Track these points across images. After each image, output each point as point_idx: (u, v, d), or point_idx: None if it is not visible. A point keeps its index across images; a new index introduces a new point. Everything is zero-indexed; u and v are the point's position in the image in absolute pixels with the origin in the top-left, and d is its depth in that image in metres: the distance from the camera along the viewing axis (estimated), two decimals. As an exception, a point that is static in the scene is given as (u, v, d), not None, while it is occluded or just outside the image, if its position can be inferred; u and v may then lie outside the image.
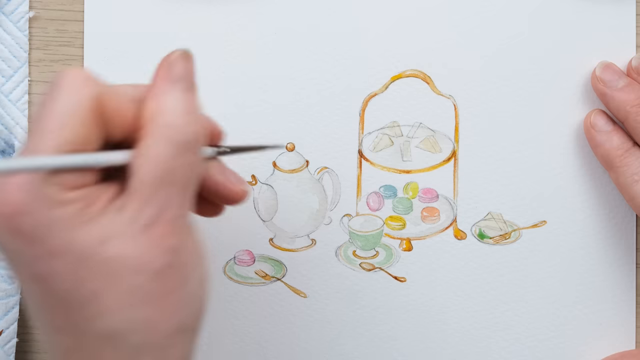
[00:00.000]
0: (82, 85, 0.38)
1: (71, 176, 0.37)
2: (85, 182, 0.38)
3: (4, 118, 0.52)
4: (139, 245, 0.37)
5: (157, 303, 0.38)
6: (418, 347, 0.53)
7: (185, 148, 0.38)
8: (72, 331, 0.38)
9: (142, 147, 0.38)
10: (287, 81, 0.53)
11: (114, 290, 0.37)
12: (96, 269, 0.37)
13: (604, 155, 0.51)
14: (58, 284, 0.37)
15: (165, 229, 0.38)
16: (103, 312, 0.37)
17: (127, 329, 0.38)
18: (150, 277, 0.38)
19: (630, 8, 0.52)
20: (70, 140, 0.37)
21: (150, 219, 0.38)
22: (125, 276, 0.37)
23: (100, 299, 0.37)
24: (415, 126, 0.53)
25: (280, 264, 0.53)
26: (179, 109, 0.39)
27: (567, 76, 0.53)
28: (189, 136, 0.38)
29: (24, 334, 0.53)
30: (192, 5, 0.52)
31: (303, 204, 0.53)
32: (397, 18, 0.52)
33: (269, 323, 0.53)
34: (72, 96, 0.37)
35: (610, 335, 0.53)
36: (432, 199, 0.53)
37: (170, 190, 0.38)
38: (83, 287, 0.37)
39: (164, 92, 0.39)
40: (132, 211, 0.38)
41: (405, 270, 0.53)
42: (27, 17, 0.52)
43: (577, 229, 0.53)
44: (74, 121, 0.37)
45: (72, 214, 0.37)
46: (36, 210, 0.36)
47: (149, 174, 0.38)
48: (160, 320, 0.38)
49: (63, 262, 0.37)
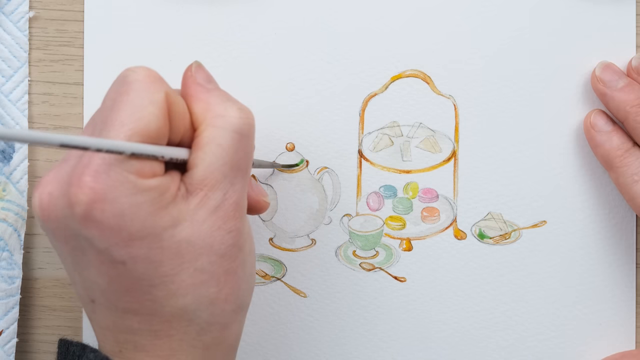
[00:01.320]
0: (155, 81, 0.40)
1: (148, 165, 0.39)
2: (157, 171, 0.39)
3: (4, 118, 0.52)
4: (206, 228, 0.40)
5: (222, 282, 0.41)
6: (418, 347, 0.53)
7: (242, 134, 0.41)
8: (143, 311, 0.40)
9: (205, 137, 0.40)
10: (287, 81, 0.53)
11: (184, 271, 0.40)
12: (169, 252, 0.39)
13: (604, 156, 0.51)
14: (134, 267, 0.39)
15: (228, 212, 0.40)
16: (175, 292, 0.40)
17: (195, 307, 0.40)
18: (215, 258, 0.40)
19: (630, 8, 0.52)
20: (145, 133, 0.38)
21: (216, 203, 0.40)
22: (194, 257, 0.40)
23: (173, 280, 0.39)
24: (415, 126, 0.53)
25: (280, 264, 0.53)
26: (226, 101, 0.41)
27: (567, 76, 0.53)
28: (243, 122, 0.41)
29: (24, 334, 0.53)
30: (192, 6, 0.52)
31: (303, 204, 0.53)
32: (397, 18, 0.52)
33: (268, 323, 0.53)
34: (146, 91, 0.39)
35: (610, 335, 0.53)
36: (432, 199, 0.53)
37: (233, 175, 0.40)
38: (158, 270, 0.39)
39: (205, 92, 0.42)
40: (200, 197, 0.40)
41: (405, 270, 0.53)
42: (27, 17, 0.52)
43: (577, 229, 0.53)
44: (149, 115, 0.39)
45: (151, 200, 0.38)
46: (118, 197, 0.38)
47: (216, 161, 0.40)
48: (224, 298, 0.41)
49: (141, 247, 0.38)
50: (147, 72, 0.40)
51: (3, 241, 0.51)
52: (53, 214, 0.39)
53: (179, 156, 0.40)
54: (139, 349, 0.41)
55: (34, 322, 0.53)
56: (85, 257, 0.40)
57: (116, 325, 0.41)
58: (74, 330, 0.53)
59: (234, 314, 0.42)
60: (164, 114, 0.39)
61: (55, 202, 0.39)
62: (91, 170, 0.37)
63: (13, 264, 0.51)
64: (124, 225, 0.38)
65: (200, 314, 0.40)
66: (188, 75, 0.42)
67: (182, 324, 0.40)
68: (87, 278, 0.40)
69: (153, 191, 0.38)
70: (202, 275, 0.40)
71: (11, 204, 0.51)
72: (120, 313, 0.40)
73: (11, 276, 0.51)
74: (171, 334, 0.40)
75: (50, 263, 0.53)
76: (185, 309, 0.40)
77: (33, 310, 0.53)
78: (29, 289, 0.53)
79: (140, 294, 0.40)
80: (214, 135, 0.40)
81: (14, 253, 0.51)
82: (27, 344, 0.53)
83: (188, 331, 0.41)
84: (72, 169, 0.39)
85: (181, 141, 0.41)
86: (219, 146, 0.40)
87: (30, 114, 0.52)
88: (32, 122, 0.52)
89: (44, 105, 0.52)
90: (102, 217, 0.37)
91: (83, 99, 0.52)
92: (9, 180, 0.52)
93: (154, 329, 0.40)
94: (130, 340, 0.41)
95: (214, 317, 0.41)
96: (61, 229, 0.39)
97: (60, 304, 0.53)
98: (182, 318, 0.40)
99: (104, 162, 0.37)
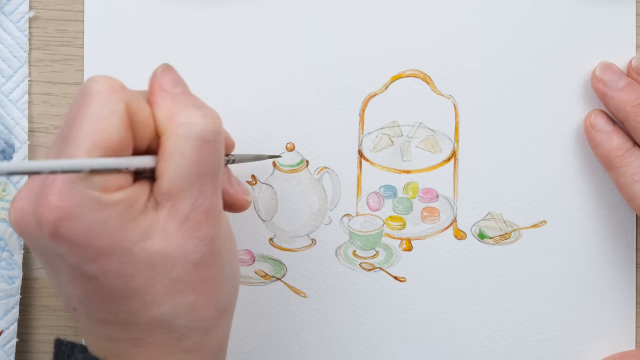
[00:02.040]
0: (115, 91, 0.39)
1: (112, 178, 0.38)
2: (123, 184, 0.39)
3: (4, 118, 0.52)
4: (177, 238, 0.39)
5: (199, 289, 0.40)
6: (418, 347, 0.53)
7: (206, 141, 0.40)
8: (120, 322, 0.40)
9: (168, 147, 0.39)
10: (287, 81, 0.53)
11: (158, 282, 0.39)
12: (141, 265, 0.39)
13: (604, 156, 0.51)
14: (107, 282, 0.39)
15: (199, 220, 0.40)
16: (150, 303, 0.39)
17: (173, 315, 0.40)
18: (190, 267, 0.40)
19: (630, 8, 0.52)
20: (105, 145, 0.38)
21: (186, 212, 0.39)
22: (168, 269, 0.39)
23: (147, 292, 0.39)
24: (415, 126, 0.53)
25: (280, 264, 0.53)
26: (190, 107, 0.40)
27: (567, 76, 0.53)
28: (206, 128, 0.40)
29: (24, 334, 0.53)
30: (192, 6, 0.52)
31: (303, 204, 0.53)
32: (397, 18, 0.52)
33: (268, 323, 0.53)
34: (106, 102, 0.38)
35: (610, 335, 0.53)
36: (432, 199, 0.53)
37: (201, 182, 0.40)
38: (130, 282, 0.39)
39: (169, 98, 0.41)
40: (168, 208, 0.39)
41: (405, 270, 0.53)
42: (27, 17, 0.52)
43: (577, 229, 0.53)
44: (109, 127, 0.38)
45: (118, 214, 0.38)
46: (84, 214, 0.37)
47: (179, 171, 0.39)
48: (203, 305, 0.41)
49: (111, 261, 0.38)
50: (108, 82, 0.39)
51: (3, 241, 0.51)
52: (26, 229, 0.39)
53: (144, 165, 0.40)
54: (120, 356, 0.40)
55: (34, 322, 0.53)
56: (60, 271, 0.40)
57: (97, 334, 0.41)
58: (74, 330, 0.53)
59: (215, 319, 0.42)
60: (125, 124, 0.38)
61: (27, 218, 0.38)
62: (55, 189, 0.37)
63: (13, 264, 0.51)
64: (92, 241, 0.37)
65: (179, 321, 0.40)
66: (153, 79, 0.42)
67: (161, 332, 0.40)
68: (64, 290, 0.41)
69: (119, 205, 0.38)
70: (177, 285, 0.40)
71: (11, 204, 0.51)
72: (99, 323, 0.40)
73: (11, 276, 0.51)
74: (151, 342, 0.40)
75: (50, 263, 0.53)
76: (162, 318, 0.40)
77: (33, 310, 0.53)
78: (29, 289, 0.53)
79: (115, 306, 0.39)
80: (176, 144, 0.39)
81: (14, 253, 0.51)
82: (27, 344, 0.53)
83: (167, 338, 0.40)
84: (41, 184, 0.38)
85: (148, 148, 0.41)
86: (182, 155, 0.39)
87: (30, 114, 0.52)
88: (32, 122, 0.52)
89: (44, 105, 0.52)
90: (70, 234, 0.37)
91: (83, 99, 0.52)
92: (9, 180, 0.52)
93: (134, 337, 0.40)
94: (112, 347, 0.41)
95: (194, 323, 0.41)
96: (35, 243, 0.39)
97: (60, 304, 0.53)
98: (159, 326, 0.40)
99: (67, 180, 0.37)
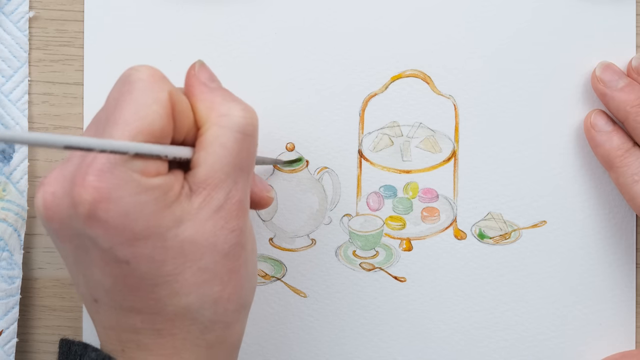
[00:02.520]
0: (158, 80, 0.40)
1: (152, 164, 0.39)
2: (161, 170, 0.39)
3: (4, 118, 0.52)
4: (209, 227, 0.40)
5: (225, 281, 0.41)
6: (418, 347, 0.53)
7: (245, 134, 0.41)
8: (146, 310, 0.40)
9: (208, 137, 0.40)
10: (287, 81, 0.53)
11: (187, 270, 0.40)
12: (172, 252, 0.39)
13: (604, 156, 0.51)
14: (137, 267, 0.39)
15: (231, 211, 0.40)
16: (178, 291, 0.40)
17: (199, 306, 0.40)
18: (219, 257, 0.40)
19: (630, 8, 0.52)
20: (149, 131, 0.38)
21: (219, 202, 0.40)
22: (197, 257, 0.40)
23: (176, 280, 0.39)
24: (415, 126, 0.53)
25: (280, 264, 0.53)
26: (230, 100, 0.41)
27: (567, 76, 0.53)
28: (247, 122, 0.41)
29: (24, 334, 0.53)
30: (192, 6, 0.52)
31: (303, 204, 0.53)
32: (397, 18, 0.52)
33: (268, 323, 0.53)
34: (150, 90, 0.39)
35: (610, 335, 0.53)
36: (432, 199, 0.53)
37: (236, 175, 0.40)
38: (161, 269, 0.39)
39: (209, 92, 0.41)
40: (203, 196, 0.40)
41: (405, 270, 0.53)
42: (27, 17, 0.52)
43: (577, 229, 0.53)
44: (152, 114, 0.39)
45: (155, 199, 0.38)
46: (122, 196, 0.38)
47: (218, 161, 0.40)
48: (227, 297, 0.41)
49: (144, 246, 0.39)
50: (150, 71, 0.40)
51: (3, 241, 0.51)
52: (57, 213, 0.39)
53: (182, 155, 0.40)
54: (142, 347, 0.41)
55: (34, 322, 0.53)
56: (89, 257, 0.40)
57: (119, 324, 0.41)
58: (74, 330, 0.53)
59: (236, 313, 0.42)
60: (168, 112, 0.39)
61: (58, 202, 0.39)
62: (95, 170, 0.37)
63: (13, 264, 0.51)
64: (128, 225, 0.38)
65: (204, 312, 0.40)
66: (191, 74, 0.42)
67: (185, 323, 0.40)
68: (90, 278, 0.40)
69: (157, 190, 0.38)
70: (205, 275, 0.40)
71: (11, 204, 0.51)
72: (123, 312, 0.40)
73: (11, 276, 0.51)
74: (174, 333, 0.40)
75: (50, 263, 0.53)
76: (188, 308, 0.40)
77: (33, 310, 0.53)
78: (29, 289, 0.53)
79: (143, 293, 0.40)
80: (217, 134, 0.40)
81: (14, 253, 0.51)
82: (27, 344, 0.53)
83: (191, 330, 0.41)
84: (75, 168, 0.39)
85: (185, 139, 0.41)
86: (222, 146, 0.40)
87: (30, 114, 0.52)
88: (32, 122, 0.52)
89: (44, 105, 0.52)
90: (107, 217, 0.37)
91: (83, 99, 0.52)
92: (9, 180, 0.52)
93: (157, 327, 0.40)
94: (134, 339, 0.41)
95: (217, 316, 0.41)
96: (65, 228, 0.39)
97: (60, 304, 0.53)
98: (185, 317, 0.40)
99: (108, 161, 0.37)
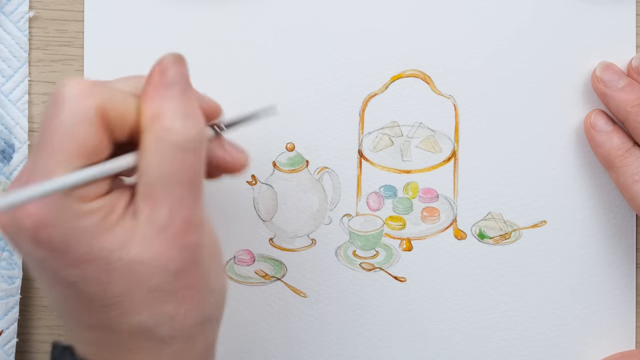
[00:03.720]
0: (84, 96, 0.38)
1: (91, 188, 0.38)
2: (102, 191, 0.38)
3: (4, 118, 0.52)
4: (156, 247, 0.38)
5: (180, 299, 0.40)
6: (418, 347, 0.53)
7: (187, 149, 0.38)
8: (102, 328, 0.40)
9: (145, 151, 0.38)
10: (287, 81, 0.52)
11: (137, 291, 0.39)
12: (119, 273, 0.38)
13: (604, 156, 0.51)
14: (85, 288, 0.38)
15: (179, 228, 0.39)
16: (129, 311, 0.39)
17: (153, 324, 0.39)
18: (170, 276, 0.39)
19: (630, 8, 0.52)
20: (81, 153, 0.38)
21: (164, 220, 0.38)
22: (146, 277, 0.39)
23: (126, 300, 0.39)
24: (415, 126, 0.53)
25: (280, 264, 0.53)
26: (177, 112, 0.39)
27: (567, 76, 0.52)
28: (189, 137, 0.38)
29: (24, 334, 0.53)
30: (192, 6, 0.52)
31: (303, 204, 0.53)
32: (397, 18, 0.52)
33: (269, 323, 0.53)
34: (75, 109, 0.38)
35: (610, 335, 0.53)
36: (432, 199, 0.53)
37: (179, 191, 0.39)
38: (109, 290, 0.38)
39: (160, 97, 0.39)
40: (146, 215, 0.38)
41: (405, 270, 0.53)
42: (27, 17, 0.52)
43: (577, 229, 0.53)
44: (81, 134, 0.37)
45: (95, 223, 0.38)
46: (61, 223, 0.37)
47: (155, 178, 0.38)
48: (184, 314, 0.40)
49: (88, 269, 0.38)
50: (74, 85, 0.38)
51: (3, 241, 0.51)
52: (9, 234, 0.39)
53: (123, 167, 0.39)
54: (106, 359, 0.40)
55: (34, 322, 0.53)
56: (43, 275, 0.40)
57: (81, 337, 0.41)
58: (74, 330, 0.53)
59: (198, 326, 0.41)
60: (98, 129, 0.38)
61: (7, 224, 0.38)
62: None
63: (13, 264, 0.51)
64: (71, 248, 0.37)
65: (160, 329, 0.40)
66: (155, 70, 0.40)
67: (141, 339, 0.40)
68: (48, 294, 0.41)
69: (96, 214, 0.38)
70: (156, 294, 0.39)
71: (11, 204, 0.51)
72: (82, 327, 0.40)
73: (11, 276, 0.51)
74: (131, 348, 0.40)
75: (50, 263, 0.53)
76: (141, 326, 0.39)
77: (33, 310, 0.53)
78: (29, 289, 0.53)
79: (95, 312, 0.39)
80: (154, 148, 0.38)
81: (14, 253, 0.51)
82: (27, 344, 0.53)
83: (149, 345, 0.40)
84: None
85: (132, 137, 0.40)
86: (160, 161, 0.38)
87: (30, 114, 0.52)
88: (32, 122, 0.52)
89: (44, 105, 0.52)
90: (49, 240, 0.37)
91: (83, 99, 0.52)
92: (9, 180, 0.52)
93: (114, 343, 0.40)
94: (95, 351, 0.40)
95: (175, 332, 0.40)
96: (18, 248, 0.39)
97: (60, 304, 0.53)
98: (139, 334, 0.40)
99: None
